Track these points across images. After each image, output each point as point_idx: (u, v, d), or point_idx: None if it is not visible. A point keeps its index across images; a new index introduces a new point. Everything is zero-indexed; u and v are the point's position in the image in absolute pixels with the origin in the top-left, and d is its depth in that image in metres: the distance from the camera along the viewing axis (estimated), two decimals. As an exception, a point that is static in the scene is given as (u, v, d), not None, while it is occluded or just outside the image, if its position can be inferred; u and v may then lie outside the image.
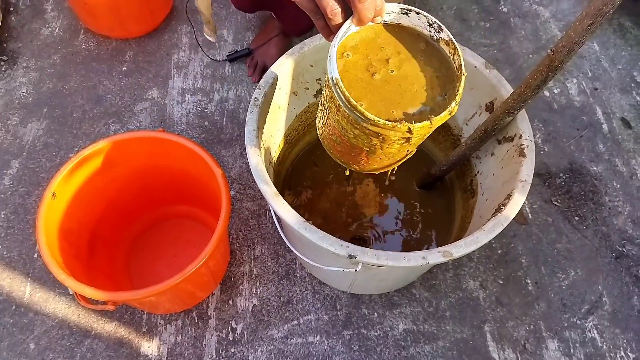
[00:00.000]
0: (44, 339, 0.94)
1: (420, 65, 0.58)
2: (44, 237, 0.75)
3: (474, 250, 0.66)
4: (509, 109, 0.71)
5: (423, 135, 0.57)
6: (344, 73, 0.57)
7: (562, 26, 1.41)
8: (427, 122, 0.53)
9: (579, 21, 0.59)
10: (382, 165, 0.67)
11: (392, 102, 0.56)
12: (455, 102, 0.55)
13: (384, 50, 0.58)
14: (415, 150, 0.62)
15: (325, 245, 0.65)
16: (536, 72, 0.66)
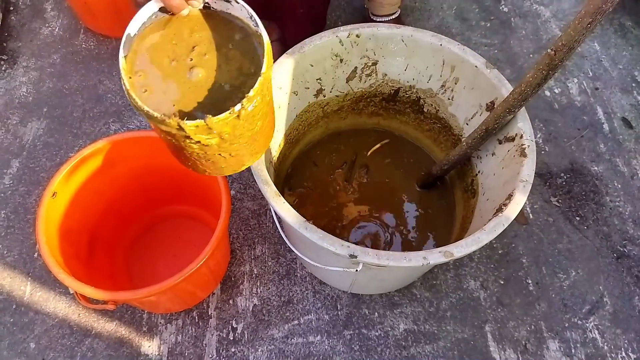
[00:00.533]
0: (45, 338, 0.94)
1: (227, 57, 0.54)
2: (44, 236, 0.75)
3: (475, 250, 0.65)
4: (510, 107, 0.71)
5: (223, 133, 0.52)
6: (148, 54, 0.52)
7: (562, 26, 1.40)
8: (202, 122, 0.48)
9: (578, 20, 0.59)
10: (219, 168, 0.62)
11: (180, 94, 0.52)
12: (241, 104, 0.49)
13: (193, 37, 0.54)
14: (236, 157, 0.58)
15: (326, 245, 0.65)
16: (536, 70, 0.65)
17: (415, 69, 0.89)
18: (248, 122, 0.54)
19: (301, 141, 1.01)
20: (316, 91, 0.91)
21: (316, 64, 0.85)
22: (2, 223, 1.05)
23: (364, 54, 0.87)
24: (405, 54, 0.86)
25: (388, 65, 0.90)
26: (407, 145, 1.06)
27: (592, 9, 0.57)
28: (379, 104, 1.00)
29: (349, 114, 1.03)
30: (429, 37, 0.82)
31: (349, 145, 1.06)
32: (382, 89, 0.95)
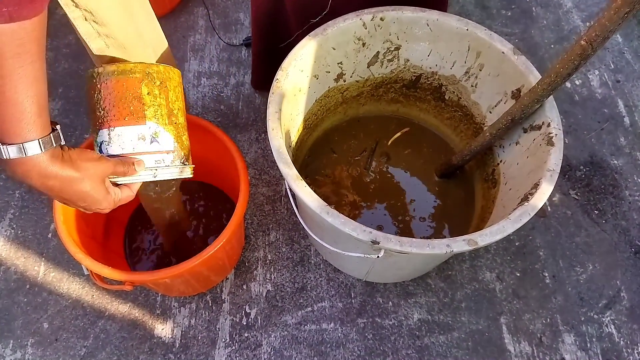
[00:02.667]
0: (58, 319, 0.94)
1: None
2: (62, 216, 0.75)
3: (500, 239, 0.64)
4: (538, 97, 0.70)
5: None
6: None
7: (584, 17, 1.38)
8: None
9: (614, 9, 0.56)
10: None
11: None
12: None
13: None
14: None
15: (348, 230, 0.63)
16: (567, 60, 0.64)
17: (439, 54, 0.87)
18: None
19: (319, 127, 1.00)
20: (337, 75, 0.89)
21: (338, 47, 0.83)
22: (16, 203, 1.05)
23: (387, 38, 0.85)
24: (429, 38, 0.85)
25: (411, 51, 0.88)
26: (426, 134, 1.04)
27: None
28: (399, 90, 0.98)
29: (368, 100, 1.01)
30: (454, 22, 0.80)
31: (368, 132, 1.05)
32: (404, 75, 0.94)
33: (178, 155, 0.63)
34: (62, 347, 0.92)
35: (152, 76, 0.61)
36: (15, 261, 0.99)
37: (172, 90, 0.63)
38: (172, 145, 0.62)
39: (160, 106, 0.61)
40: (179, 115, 0.64)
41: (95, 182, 0.52)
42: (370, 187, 0.99)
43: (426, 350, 0.93)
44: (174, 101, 0.63)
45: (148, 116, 0.60)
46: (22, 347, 0.91)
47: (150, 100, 0.60)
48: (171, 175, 0.62)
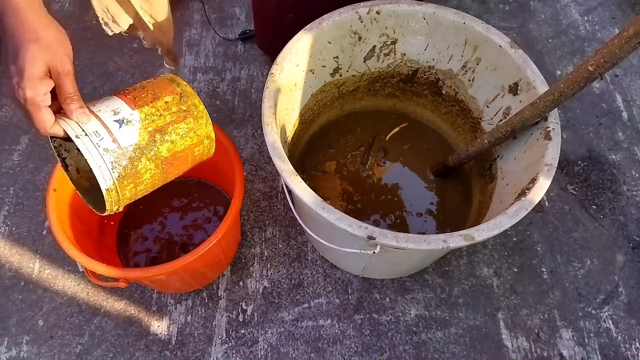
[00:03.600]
0: (53, 316, 0.93)
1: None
2: (55, 212, 0.74)
3: (497, 234, 0.64)
4: (540, 112, 0.69)
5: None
6: None
7: (582, 10, 1.37)
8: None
9: (625, 39, 0.55)
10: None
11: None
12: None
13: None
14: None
15: (344, 225, 0.63)
16: (573, 82, 0.64)
17: (436, 48, 0.86)
18: (133, 197, 0.59)
19: (315, 122, 0.99)
20: (333, 70, 0.89)
21: (334, 42, 0.83)
22: (11, 200, 1.04)
23: (384, 32, 0.84)
24: (426, 32, 0.84)
25: (408, 45, 0.87)
26: (423, 129, 1.04)
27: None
28: (396, 85, 0.98)
29: (364, 95, 1.00)
30: (451, 15, 0.80)
31: (365, 127, 1.04)
32: (400, 69, 0.93)
33: (117, 164, 0.54)
34: (57, 345, 0.91)
35: (185, 99, 0.59)
36: (9, 258, 0.99)
37: (184, 122, 0.59)
38: (127, 145, 0.54)
39: (160, 117, 0.57)
40: (163, 150, 0.57)
41: (41, 52, 0.48)
42: (367, 183, 0.98)
43: (423, 346, 0.93)
44: (175, 132, 0.58)
45: (142, 109, 0.56)
46: (17, 344, 0.91)
47: (161, 106, 0.57)
48: (92, 162, 0.52)
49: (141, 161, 0.56)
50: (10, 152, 1.10)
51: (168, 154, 0.58)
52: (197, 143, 0.61)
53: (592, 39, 1.32)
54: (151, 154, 0.56)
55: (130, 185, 0.56)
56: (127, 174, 0.54)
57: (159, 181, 0.61)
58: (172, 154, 0.59)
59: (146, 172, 0.57)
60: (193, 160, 0.64)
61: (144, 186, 0.58)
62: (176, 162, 0.60)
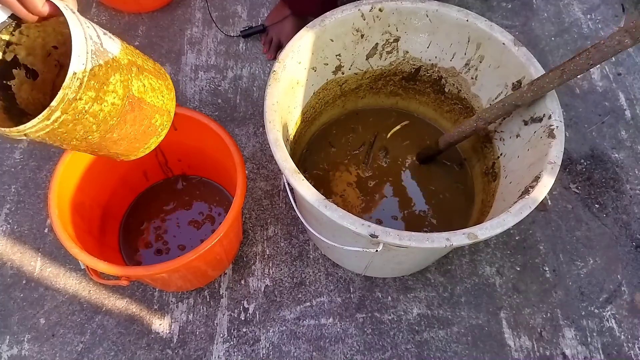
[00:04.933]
0: (54, 314, 0.93)
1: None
2: (57, 210, 0.74)
3: (500, 233, 0.63)
4: (524, 97, 0.70)
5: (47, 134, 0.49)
6: None
7: (585, 9, 1.36)
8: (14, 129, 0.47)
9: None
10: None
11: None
12: (42, 116, 0.46)
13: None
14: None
15: (346, 224, 0.63)
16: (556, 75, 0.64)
17: (439, 46, 0.86)
18: (75, 126, 0.50)
19: (317, 120, 0.99)
20: (335, 68, 0.88)
21: (336, 39, 0.82)
22: (12, 198, 1.04)
23: (386, 29, 0.84)
24: (429, 30, 0.83)
25: (410, 42, 0.87)
26: (426, 127, 1.03)
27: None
28: (398, 83, 0.97)
29: (367, 93, 1.00)
30: (454, 13, 0.79)
31: (367, 126, 1.04)
32: (403, 67, 0.93)
33: (95, 56, 0.48)
34: (58, 343, 0.91)
35: (159, 68, 0.59)
36: (11, 256, 0.98)
37: (158, 79, 0.58)
38: (108, 49, 0.50)
39: (139, 58, 0.55)
40: (135, 85, 0.53)
41: None
42: (368, 181, 0.98)
43: (425, 345, 0.92)
44: (149, 80, 0.56)
45: (123, 43, 0.54)
46: (19, 342, 0.91)
47: (139, 54, 0.57)
48: (75, 31, 0.46)
49: (114, 75, 0.50)
50: (11, 150, 1.09)
51: (137, 94, 0.54)
52: (160, 109, 0.58)
53: (595, 37, 1.31)
54: (125, 77, 0.52)
55: (92, 93, 0.48)
56: (97, 74, 0.48)
57: (108, 123, 0.53)
58: (140, 98, 0.55)
59: (111, 94, 0.51)
60: (145, 130, 0.58)
61: (98, 110, 0.50)
62: (137, 112, 0.55)
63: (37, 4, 0.46)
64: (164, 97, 0.59)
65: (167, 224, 0.99)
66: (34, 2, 0.46)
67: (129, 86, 0.53)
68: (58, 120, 0.47)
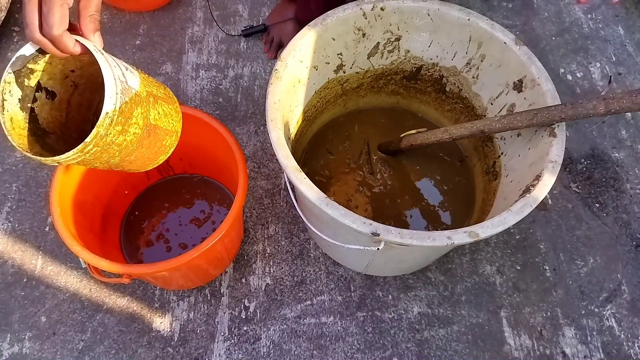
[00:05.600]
0: (55, 313, 0.93)
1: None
2: (58, 208, 0.74)
3: (501, 231, 0.63)
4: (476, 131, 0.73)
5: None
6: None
7: (586, 8, 1.36)
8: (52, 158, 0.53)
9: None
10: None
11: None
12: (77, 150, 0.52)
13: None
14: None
15: (348, 222, 0.63)
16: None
17: (440, 45, 0.86)
18: (101, 154, 0.56)
19: (318, 119, 0.99)
20: (336, 67, 0.88)
21: (338, 38, 0.82)
22: (13, 196, 1.04)
23: (388, 28, 0.84)
24: (430, 29, 0.83)
25: (412, 41, 0.87)
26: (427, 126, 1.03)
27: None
28: (400, 82, 0.97)
29: (368, 92, 1.00)
30: (456, 12, 0.79)
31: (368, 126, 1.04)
32: (404, 66, 0.93)
33: (122, 95, 0.52)
34: (59, 341, 0.91)
35: (168, 92, 0.64)
36: (12, 254, 0.99)
37: (169, 105, 0.63)
38: (131, 86, 0.55)
39: (154, 87, 0.60)
40: (152, 114, 0.59)
41: None
42: (369, 182, 0.98)
43: (426, 343, 0.92)
44: (162, 108, 0.61)
45: (141, 73, 0.59)
46: (20, 340, 0.91)
47: (153, 82, 0.61)
48: (108, 74, 0.51)
49: (137, 109, 0.55)
50: (13, 149, 1.09)
51: (153, 122, 0.60)
52: (170, 131, 0.65)
53: (595, 37, 1.31)
54: (144, 109, 0.57)
55: (119, 127, 0.54)
56: (124, 111, 0.53)
57: (129, 148, 0.59)
58: (156, 124, 0.61)
59: (134, 125, 0.56)
60: (157, 150, 0.65)
61: (122, 140, 0.56)
62: (152, 136, 0.61)
63: (69, 45, 0.49)
64: (173, 120, 0.65)
65: (168, 223, 0.99)
66: (65, 45, 0.49)
67: (148, 116, 0.58)
68: (90, 152, 0.53)
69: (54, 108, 0.61)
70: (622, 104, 0.63)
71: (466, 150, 1.00)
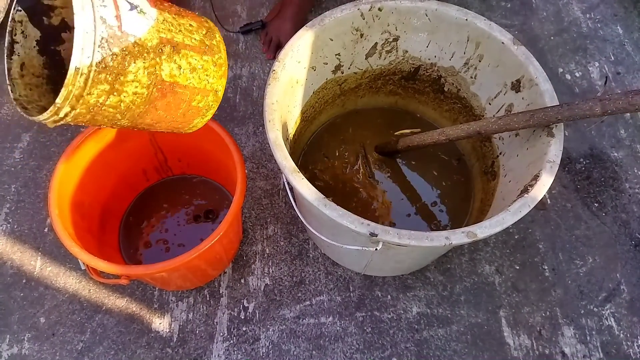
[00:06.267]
0: (55, 314, 0.93)
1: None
2: (56, 209, 0.74)
3: (499, 231, 0.63)
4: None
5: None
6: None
7: (584, 8, 1.36)
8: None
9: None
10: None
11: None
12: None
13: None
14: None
15: (346, 222, 0.63)
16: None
17: (438, 45, 0.86)
18: (94, 116, 0.46)
19: (317, 120, 0.99)
20: (334, 67, 0.88)
21: (336, 38, 0.82)
22: (12, 197, 1.04)
23: (386, 28, 0.84)
24: (428, 29, 0.83)
25: (410, 42, 0.87)
26: (425, 126, 1.03)
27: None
28: (398, 82, 0.97)
29: (366, 93, 1.00)
30: (454, 12, 0.79)
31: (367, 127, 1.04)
32: (402, 66, 0.93)
33: (107, 45, 0.42)
34: (59, 342, 0.91)
35: (211, 35, 0.51)
36: (11, 256, 0.99)
37: (201, 55, 0.50)
38: (129, 32, 0.43)
39: (179, 32, 0.49)
40: (165, 70, 0.47)
41: None
42: (367, 183, 0.98)
43: (425, 343, 0.92)
44: (187, 59, 0.49)
45: (163, 13, 0.47)
46: (19, 341, 0.91)
47: (184, 24, 0.50)
48: (79, 21, 0.40)
49: (135, 63, 0.44)
50: (11, 150, 1.09)
51: (168, 79, 0.48)
52: (202, 90, 0.52)
53: (594, 37, 1.31)
54: (150, 63, 0.45)
55: (104, 86, 0.42)
56: (109, 67, 0.42)
57: (135, 111, 0.47)
58: (173, 83, 0.48)
59: (132, 83, 0.45)
60: (185, 112, 0.52)
61: (117, 101, 0.44)
62: (170, 97, 0.49)
63: None
64: (209, 75, 0.53)
65: (167, 223, 0.99)
66: None
67: (156, 72, 0.47)
68: (69, 114, 0.44)
69: None
70: (618, 105, 0.63)
71: (464, 150, 1.00)
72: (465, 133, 0.78)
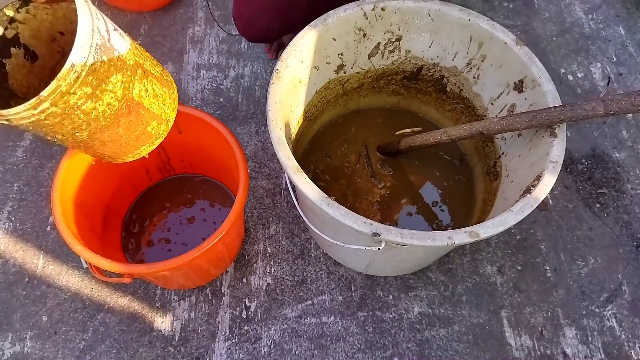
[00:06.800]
0: (57, 312, 0.94)
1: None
2: (60, 208, 0.74)
3: (502, 231, 0.64)
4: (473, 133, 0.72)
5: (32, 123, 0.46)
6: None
7: (587, 9, 1.36)
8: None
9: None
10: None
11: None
12: (30, 103, 0.43)
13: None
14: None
15: (349, 222, 0.63)
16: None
17: (441, 45, 0.86)
18: (63, 120, 0.48)
19: (319, 119, 0.99)
20: (337, 67, 0.89)
21: (339, 38, 0.83)
22: (15, 196, 1.05)
23: (388, 28, 0.84)
24: (431, 29, 0.84)
25: (412, 42, 0.87)
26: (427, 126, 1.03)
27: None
28: (400, 82, 0.97)
29: (368, 93, 1.00)
30: (457, 12, 0.79)
31: (368, 127, 1.04)
32: (405, 66, 0.93)
33: (99, 52, 0.45)
34: (61, 340, 0.91)
35: (167, 75, 0.58)
36: (14, 254, 0.99)
37: (163, 86, 0.57)
38: (115, 47, 0.48)
39: (147, 61, 0.55)
40: (135, 89, 0.51)
41: None
42: (369, 183, 0.98)
43: (427, 343, 0.93)
44: (152, 86, 0.55)
45: (134, 43, 0.55)
46: (21, 340, 0.91)
47: (149, 57, 0.57)
48: (82, 21, 0.43)
49: (116, 75, 0.48)
50: (14, 149, 1.10)
51: (137, 98, 0.52)
52: (159, 117, 0.56)
53: (596, 37, 1.31)
54: (127, 79, 0.50)
55: (88, 89, 0.46)
56: (97, 71, 0.46)
57: (100, 123, 0.50)
58: (139, 102, 0.52)
59: (109, 93, 0.48)
60: (139, 136, 0.56)
61: (91, 108, 0.48)
62: (133, 116, 0.53)
63: None
64: (165, 105, 0.57)
65: (169, 222, 0.99)
66: None
67: (130, 88, 0.51)
68: (45, 111, 0.45)
69: (32, 73, 0.54)
70: (620, 105, 0.63)
71: (466, 150, 1.00)
72: (467, 133, 0.78)
